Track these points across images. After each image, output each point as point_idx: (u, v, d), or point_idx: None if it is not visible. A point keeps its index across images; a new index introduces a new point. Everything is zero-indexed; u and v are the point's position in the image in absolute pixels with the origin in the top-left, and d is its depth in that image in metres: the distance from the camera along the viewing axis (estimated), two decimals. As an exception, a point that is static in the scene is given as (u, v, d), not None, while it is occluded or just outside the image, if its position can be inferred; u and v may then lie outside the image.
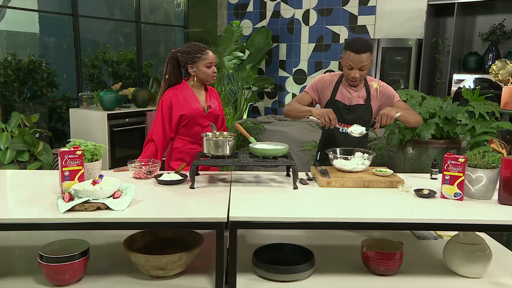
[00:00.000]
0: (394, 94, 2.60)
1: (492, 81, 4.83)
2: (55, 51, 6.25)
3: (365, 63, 2.44)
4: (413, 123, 2.52)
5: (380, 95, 2.59)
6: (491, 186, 1.89)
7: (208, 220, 1.65)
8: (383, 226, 1.69)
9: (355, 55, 2.43)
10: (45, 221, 1.62)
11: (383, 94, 2.59)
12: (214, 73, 2.58)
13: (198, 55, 2.53)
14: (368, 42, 2.46)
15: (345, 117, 2.54)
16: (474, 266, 1.82)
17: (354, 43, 2.44)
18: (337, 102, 2.58)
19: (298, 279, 1.81)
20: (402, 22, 5.85)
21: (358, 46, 2.42)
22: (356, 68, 2.45)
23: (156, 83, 5.96)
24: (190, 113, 2.54)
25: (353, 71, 2.47)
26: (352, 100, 2.57)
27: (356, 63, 2.44)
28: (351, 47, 2.44)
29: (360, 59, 2.42)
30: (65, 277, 1.72)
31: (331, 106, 2.57)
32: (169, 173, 2.17)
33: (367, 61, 2.44)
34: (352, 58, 2.44)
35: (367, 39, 2.55)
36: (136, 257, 1.77)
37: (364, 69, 2.46)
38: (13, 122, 4.15)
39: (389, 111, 2.35)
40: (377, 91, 2.59)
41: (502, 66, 3.03)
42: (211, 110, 2.61)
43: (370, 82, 2.61)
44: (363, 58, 2.42)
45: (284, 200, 1.89)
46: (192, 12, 6.89)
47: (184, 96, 2.57)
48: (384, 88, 2.60)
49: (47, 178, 2.20)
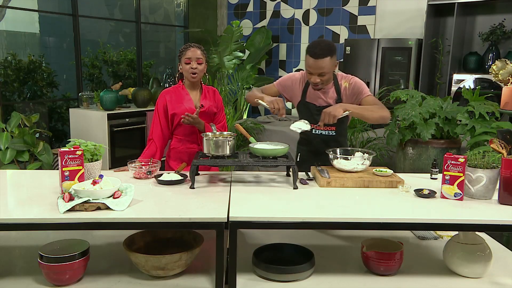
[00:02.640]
0: (362, 89, 2.41)
1: (492, 81, 4.83)
2: (55, 51, 6.25)
3: (324, 69, 2.28)
4: (373, 120, 2.33)
5: (349, 93, 2.43)
6: (491, 186, 1.89)
7: (208, 220, 1.65)
8: (383, 226, 1.69)
9: (313, 60, 2.27)
10: (45, 221, 1.62)
11: (351, 91, 2.42)
12: (192, 69, 2.53)
13: (182, 53, 2.56)
14: (329, 46, 2.29)
15: (317, 118, 2.37)
16: (474, 266, 1.82)
17: (313, 47, 2.28)
18: (307, 103, 2.50)
19: (298, 279, 1.81)
20: (402, 22, 5.85)
21: (317, 51, 2.26)
22: (315, 74, 2.31)
23: (156, 83, 5.96)
24: (181, 112, 2.56)
25: (312, 77, 2.33)
26: (322, 102, 2.46)
27: (314, 69, 2.29)
28: (310, 51, 2.28)
29: (318, 64, 2.27)
30: (65, 277, 1.72)
31: (302, 108, 2.51)
32: (169, 173, 2.17)
33: (327, 67, 2.28)
34: (310, 64, 2.29)
35: (329, 42, 2.35)
36: (136, 257, 1.76)
37: (324, 75, 2.30)
38: (13, 122, 4.15)
39: (333, 109, 2.20)
40: (346, 89, 2.44)
41: (502, 66, 3.03)
42: (203, 109, 2.60)
43: (341, 80, 2.46)
44: (322, 64, 2.26)
45: (284, 200, 1.89)
46: (192, 12, 6.89)
47: (178, 95, 2.61)
48: (353, 85, 2.42)
49: (47, 178, 2.20)
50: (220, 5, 7.14)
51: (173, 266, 1.77)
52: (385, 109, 2.35)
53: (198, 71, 2.55)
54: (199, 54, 2.54)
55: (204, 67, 2.59)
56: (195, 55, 2.53)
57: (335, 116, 2.19)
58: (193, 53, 2.53)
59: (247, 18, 7.13)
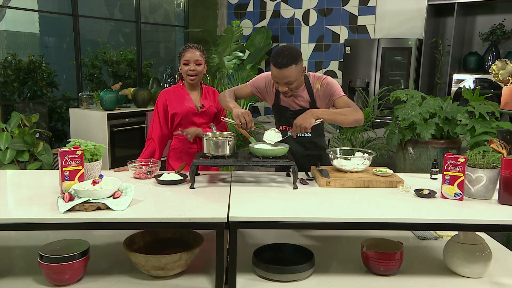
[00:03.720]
0: (334, 91, 2.33)
1: (492, 81, 4.83)
2: (55, 51, 6.25)
3: (289, 78, 2.19)
4: (347, 124, 2.26)
5: (322, 95, 2.36)
6: (491, 186, 1.89)
7: (208, 220, 1.65)
8: (383, 226, 1.69)
9: (277, 70, 2.19)
10: (45, 221, 1.62)
11: (324, 93, 2.35)
12: (190, 71, 2.53)
13: (181, 54, 2.57)
14: (293, 54, 2.17)
15: (291, 122, 2.25)
16: (474, 266, 1.82)
17: (275, 57, 2.18)
18: (281, 107, 2.44)
19: (298, 279, 1.81)
20: (402, 22, 5.85)
21: (279, 60, 2.16)
22: (281, 83, 2.24)
23: (156, 83, 5.96)
24: (182, 112, 2.57)
25: (280, 86, 2.26)
26: (296, 106, 2.40)
27: (280, 79, 2.21)
28: (273, 61, 2.19)
29: (283, 74, 2.18)
30: (65, 277, 1.72)
31: (278, 111, 2.47)
32: (169, 173, 2.17)
33: (292, 75, 2.19)
34: (275, 74, 2.21)
35: (292, 48, 2.21)
36: (136, 257, 1.76)
37: (291, 83, 2.23)
38: (13, 122, 4.15)
39: (303, 120, 2.13)
40: (318, 91, 2.36)
41: (502, 66, 3.03)
42: (204, 109, 2.61)
43: (314, 82, 2.38)
44: (286, 73, 2.18)
45: (284, 200, 1.89)
46: (192, 12, 6.89)
47: (178, 95, 2.61)
48: (325, 87, 2.34)
49: (47, 178, 2.20)
50: (220, 5, 7.14)
51: (173, 266, 1.77)
52: (358, 112, 2.27)
53: (196, 72, 2.55)
54: (197, 55, 2.54)
55: (204, 68, 2.59)
56: (193, 56, 2.53)
57: (306, 128, 2.13)
58: (191, 55, 2.53)
59: (247, 18, 7.13)
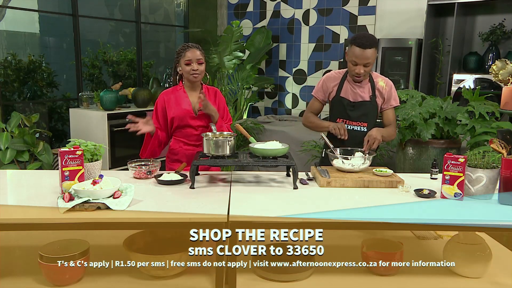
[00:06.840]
0: (394, 97, 2.59)
1: (492, 81, 4.82)
2: (55, 51, 6.24)
3: (370, 60, 2.42)
4: (387, 140, 2.63)
5: (384, 94, 2.57)
6: (491, 186, 1.89)
7: (208, 220, 1.65)
8: (383, 226, 1.69)
9: (360, 50, 2.40)
10: (45, 221, 1.62)
11: (387, 93, 2.57)
12: (193, 70, 2.50)
13: (181, 54, 2.52)
14: (374, 38, 2.46)
15: (350, 114, 2.54)
16: (474, 266, 1.82)
17: (360, 38, 2.42)
18: (342, 98, 2.57)
19: (298, 279, 1.80)
20: (402, 22, 5.85)
21: (364, 41, 2.40)
22: (361, 64, 2.42)
23: (156, 83, 5.96)
24: (179, 115, 2.54)
25: (357, 67, 2.44)
26: (357, 97, 2.55)
27: (361, 59, 2.41)
28: (357, 42, 2.41)
29: (365, 55, 2.40)
30: (65, 277, 1.72)
31: (336, 103, 2.57)
32: (169, 173, 2.17)
33: (372, 57, 2.42)
34: (357, 54, 2.41)
35: (372, 34, 2.54)
36: (136, 257, 1.76)
37: (368, 65, 2.44)
38: (13, 122, 4.15)
39: (377, 134, 2.37)
40: (382, 89, 2.56)
41: (502, 66, 3.03)
42: (201, 112, 2.56)
43: (376, 78, 2.59)
44: (368, 54, 2.40)
45: (284, 200, 1.89)
46: (192, 12, 6.88)
47: (176, 97, 2.57)
48: (389, 88, 2.58)
49: (47, 178, 2.20)
50: (220, 5, 7.13)
51: (173, 266, 1.77)
52: (396, 129, 2.61)
53: (199, 71, 2.53)
54: (198, 54, 2.51)
55: (204, 67, 2.58)
56: (195, 56, 2.49)
57: (380, 141, 2.39)
58: (192, 54, 2.49)
59: (247, 18, 7.12)
